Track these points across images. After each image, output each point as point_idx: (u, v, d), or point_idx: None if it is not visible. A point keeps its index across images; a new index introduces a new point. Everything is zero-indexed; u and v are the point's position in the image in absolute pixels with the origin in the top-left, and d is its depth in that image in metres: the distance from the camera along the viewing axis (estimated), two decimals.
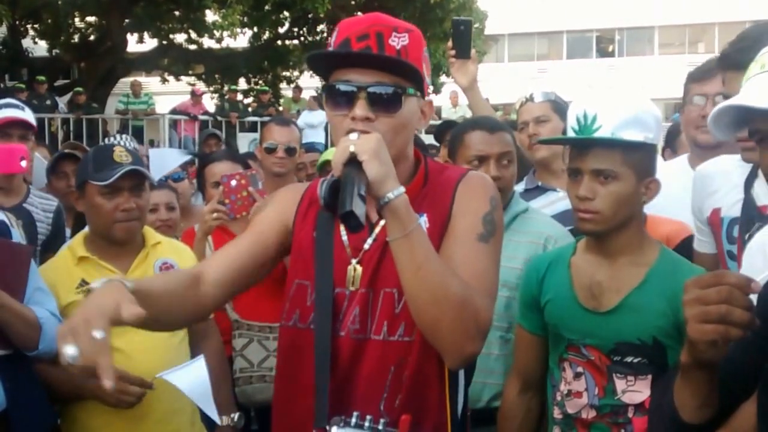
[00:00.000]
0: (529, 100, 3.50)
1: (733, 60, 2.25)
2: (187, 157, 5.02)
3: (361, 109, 1.67)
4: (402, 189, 1.60)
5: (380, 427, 1.63)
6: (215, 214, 3.27)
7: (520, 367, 2.35)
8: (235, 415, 2.92)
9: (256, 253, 1.85)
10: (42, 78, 15.49)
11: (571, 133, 2.14)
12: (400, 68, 1.70)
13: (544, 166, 3.38)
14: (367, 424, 1.63)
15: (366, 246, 1.77)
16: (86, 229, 2.85)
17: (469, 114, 3.81)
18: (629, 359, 2.05)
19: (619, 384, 2.07)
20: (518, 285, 2.48)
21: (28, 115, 3.81)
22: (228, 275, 1.82)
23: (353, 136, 1.61)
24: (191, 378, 2.45)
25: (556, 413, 2.19)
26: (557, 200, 3.18)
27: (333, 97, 1.72)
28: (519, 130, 3.42)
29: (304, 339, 1.78)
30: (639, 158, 2.06)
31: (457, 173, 1.84)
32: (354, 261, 1.77)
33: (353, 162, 1.56)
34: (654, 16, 30.83)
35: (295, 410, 1.79)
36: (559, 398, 2.17)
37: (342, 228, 1.79)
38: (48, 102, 14.84)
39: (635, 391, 2.05)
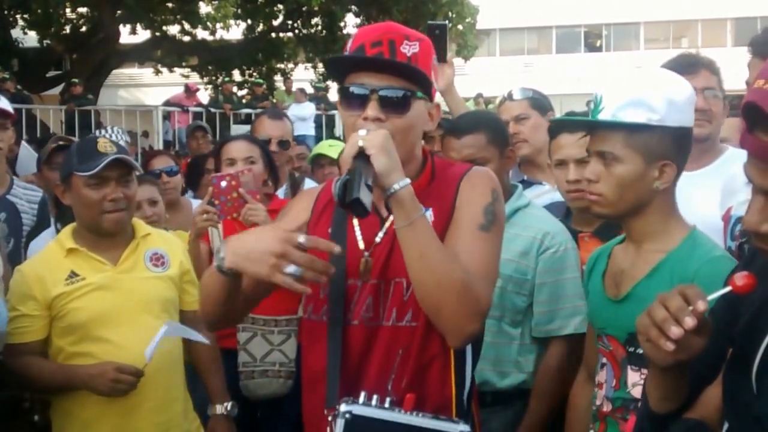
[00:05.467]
0: (507, 98, 3.51)
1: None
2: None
3: (372, 110, 1.79)
4: (407, 180, 1.71)
5: (386, 405, 1.74)
6: (204, 216, 3.19)
7: (585, 358, 2.34)
8: (228, 404, 2.97)
9: None
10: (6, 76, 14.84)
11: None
12: (409, 73, 1.81)
13: (530, 161, 3.44)
14: (373, 402, 1.73)
15: (377, 239, 1.89)
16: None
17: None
18: (641, 351, 1.97)
19: (632, 377, 2.02)
20: (512, 276, 2.62)
21: (4, 104, 3.68)
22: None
23: (362, 132, 1.72)
24: (170, 333, 2.53)
25: (593, 405, 2.17)
26: (543, 193, 3.26)
27: (347, 99, 1.84)
28: None
29: (318, 329, 1.90)
30: (646, 141, 1.95)
31: (462, 169, 1.96)
32: (366, 254, 1.88)
33: (362, 155, 1.68)
34: (639, 12, 31.15)
35: (315, 395, 1.90)
36: (594, 389, 2.17)
37: (356, 223, 1.91)
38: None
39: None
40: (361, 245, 1.89)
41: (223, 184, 3.16)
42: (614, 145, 1.96)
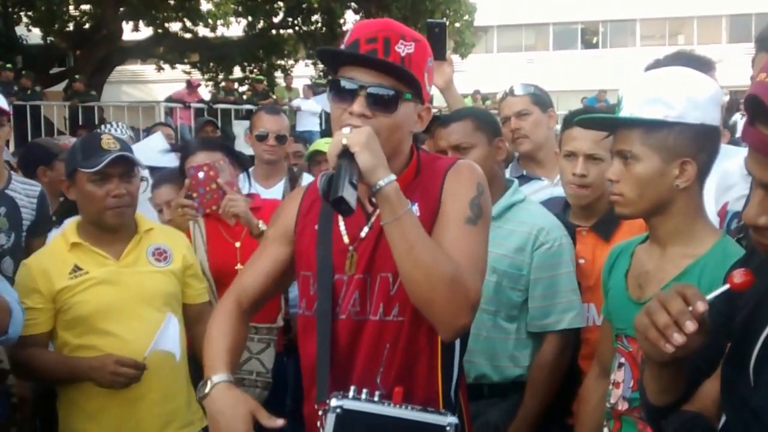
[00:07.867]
0: (509, 94, 3.51)
1: None
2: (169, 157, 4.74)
3: (359, 105, 1.78)
4: (392, 177, 1.72)
5: (376, 398, 1.75)
6: (180, 211, 3.10)
7: (599, 353, 2.34)
8: None
9: (275, 267, 2.03)
10: (9, 65, 14.76)
11: None
12: (400, 74, 1.80)
13: (529, 157, 3.44)
14: (363, 396, 1.75)
15: (362, 234, 1.89)
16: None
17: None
18: None
19: None
20: (507, 271, 2.63)
21: (1, 101, 3.58)
22: (259, 293, 2.04)
23: (346, 129, 1.73)
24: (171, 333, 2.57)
25: (607, 402, 2.17)
26: (541, 189, 3.26)
27: (336, 91, 1.84)
28: (502, 124, 3.36)
29: (310, 324, 1.93)
30: (663, 138, 1.92)
31: (447, 162, 1.95)
32: (351, 248, 1.89)
33: (346, 153, 1.69)
34: (636, 9, 31.19)
35: (312, 390, 1.91)
36: (610, 387, 2.16)
37: (341, 218, 1.91)
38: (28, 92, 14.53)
39: None
40: (346, 240, 1.91)
41: (201, 175, 3.05)
42: (632, 143, 1.95)
